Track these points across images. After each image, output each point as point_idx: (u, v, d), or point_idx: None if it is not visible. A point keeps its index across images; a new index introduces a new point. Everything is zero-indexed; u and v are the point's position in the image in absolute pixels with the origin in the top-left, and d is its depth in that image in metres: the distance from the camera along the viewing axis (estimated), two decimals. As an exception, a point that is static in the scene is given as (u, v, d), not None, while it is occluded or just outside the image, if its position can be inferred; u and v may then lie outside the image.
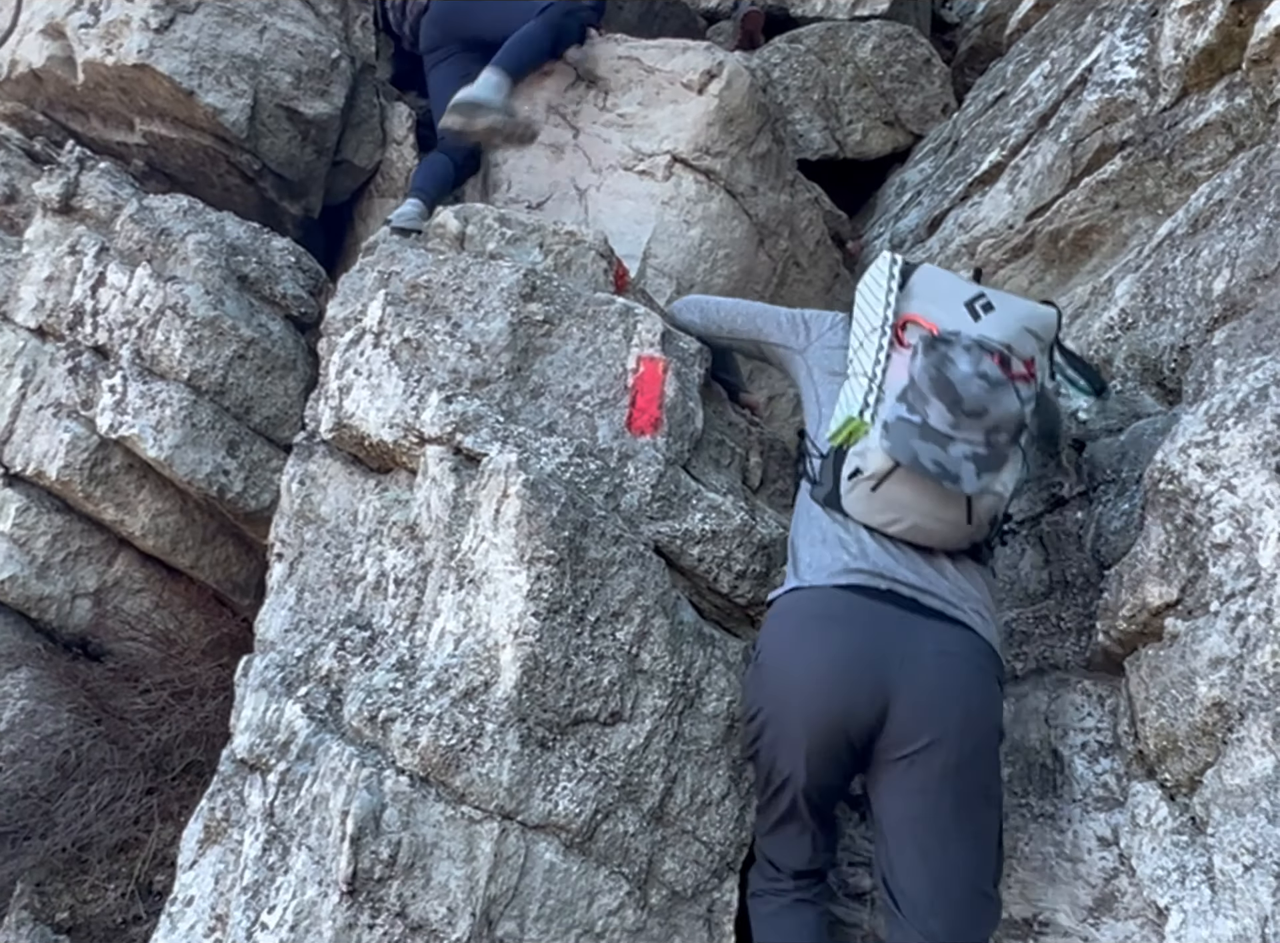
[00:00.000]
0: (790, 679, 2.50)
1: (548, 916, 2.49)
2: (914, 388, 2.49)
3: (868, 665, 2.43)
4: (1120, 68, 3.68)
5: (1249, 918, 1.90)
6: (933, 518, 2.53)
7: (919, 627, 2.48)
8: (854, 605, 2.51)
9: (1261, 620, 2.01)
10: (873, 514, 2.56)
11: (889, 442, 2.46)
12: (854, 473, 2.54)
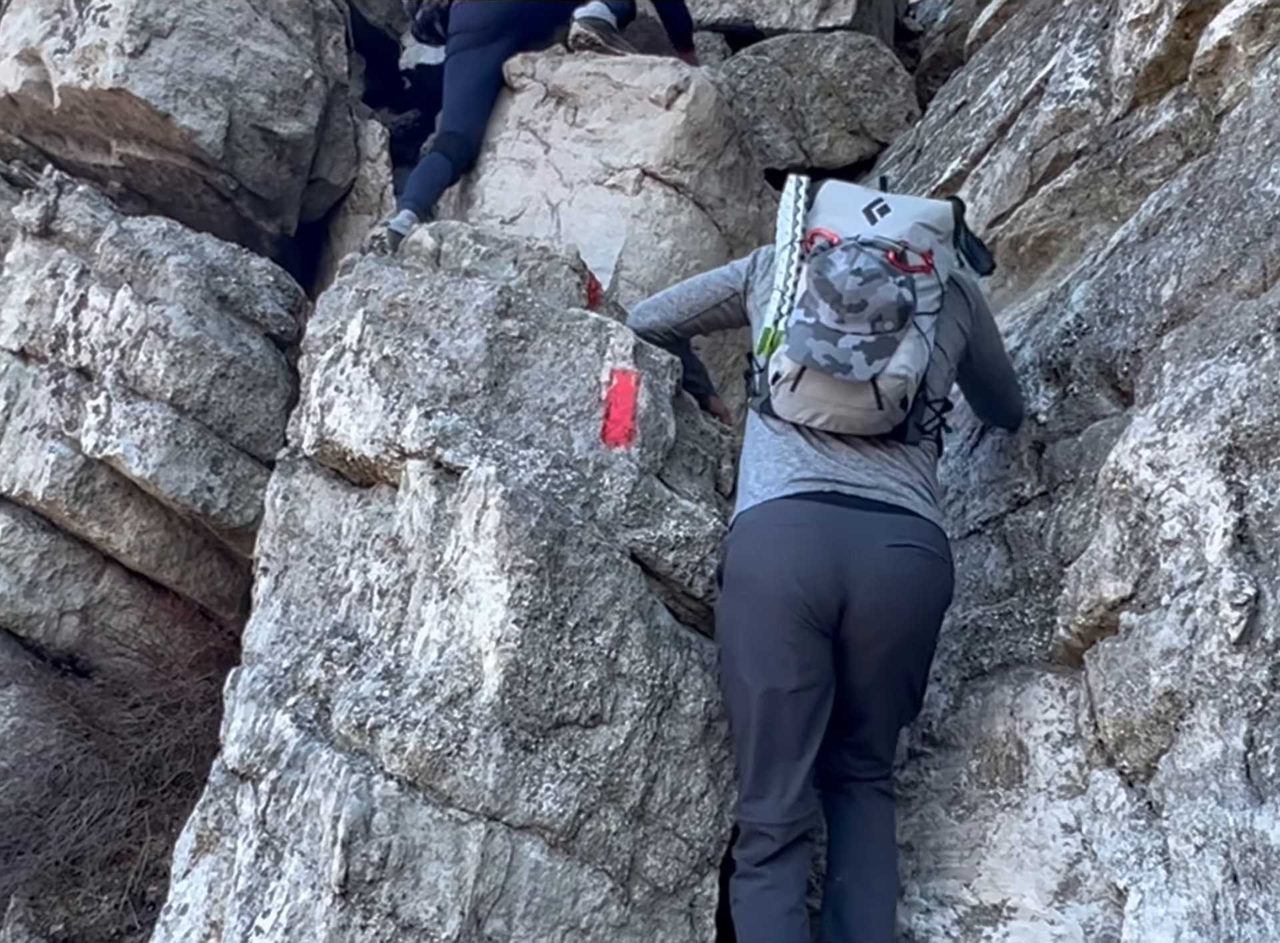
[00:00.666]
0: (761, 587, 2.71)
1: (534, 913, 2.57)
2: (807, 294, 2.74)
3: (826, 563, 2.68)
4: (1074, 79, 3.78)
5: (1201, 896, 2.00)
6: (845, 407, 2.74)
7: (867, 521, 2.73)
8: (805, 511, 2.74)
9: (1208, 613, 2.10)
10: (796, 412, 2.78)
11: (788, 344, 2.72)
12: (775, 377, 2.77)
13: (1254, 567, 2.06)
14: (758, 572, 2.72)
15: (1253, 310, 2.29)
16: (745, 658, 2.73)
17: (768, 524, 2.76)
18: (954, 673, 3.06)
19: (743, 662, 2.74)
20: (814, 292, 2.72)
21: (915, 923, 2.87)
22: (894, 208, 2.89)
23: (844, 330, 2.67)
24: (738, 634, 2.76)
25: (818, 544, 2.70)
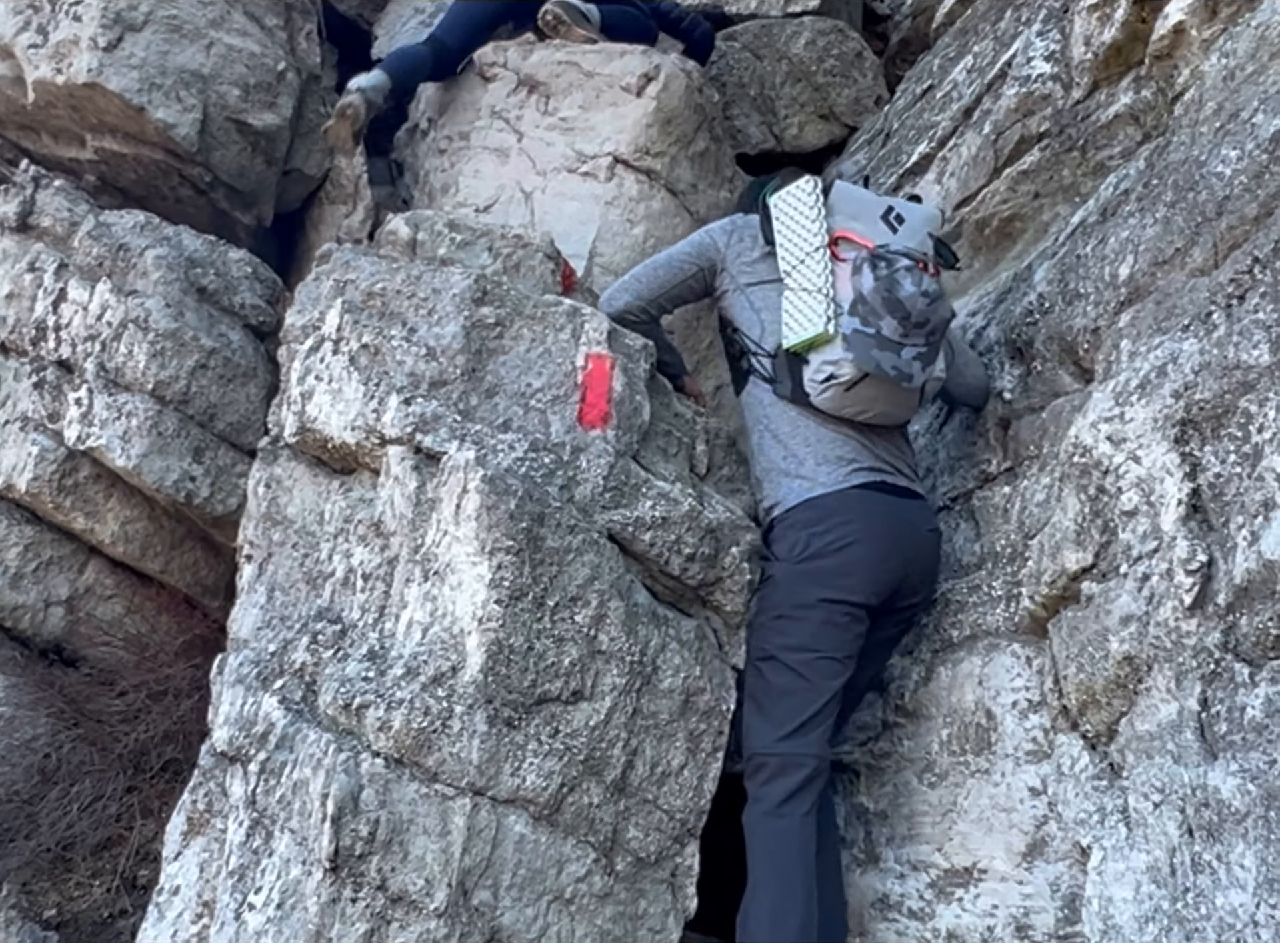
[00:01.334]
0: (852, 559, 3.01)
1: (520, 884, 2.65)
2: (865, 304, 2.99)
3: (895, 550, 3.04)
4: (1036, 63, 3.86)
5: (1159, 850, 2.08)
6: (892, 405, 3.12)
7: (908, 509, 3.12)
8: (877, 501, 3.08)
9: (1164, 580, 2.18)
10: (844, 408, 3.10)
11: (853, 353, 2.99)
12: (827, 378, 3.05)
13: (1207, 535, 2.15)
14: (846, 553, 3.00)
15: (1204, 288, 2.36)
16: (807, 628, 2.98)
17: (850, 513, 3.05)
18: (925, 646, 3.15)
19: (805, 631, 2.98)
20: (879, 307, 2.97)
21: (890, 888, 2.96)
22: (906, 217, 3.23)
23: (905, 343, 2.98)
24: (806, 605, 3.00)
25: (889, 533, 3.04)
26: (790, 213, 3.20)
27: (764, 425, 3.22)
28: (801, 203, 3.19)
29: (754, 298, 3.27)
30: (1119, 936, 2.12)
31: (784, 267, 3.16)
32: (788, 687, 2.97)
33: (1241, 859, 1.86)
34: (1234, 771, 1.91)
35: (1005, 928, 2.59)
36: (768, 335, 3.20)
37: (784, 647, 3.00)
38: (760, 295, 3.25)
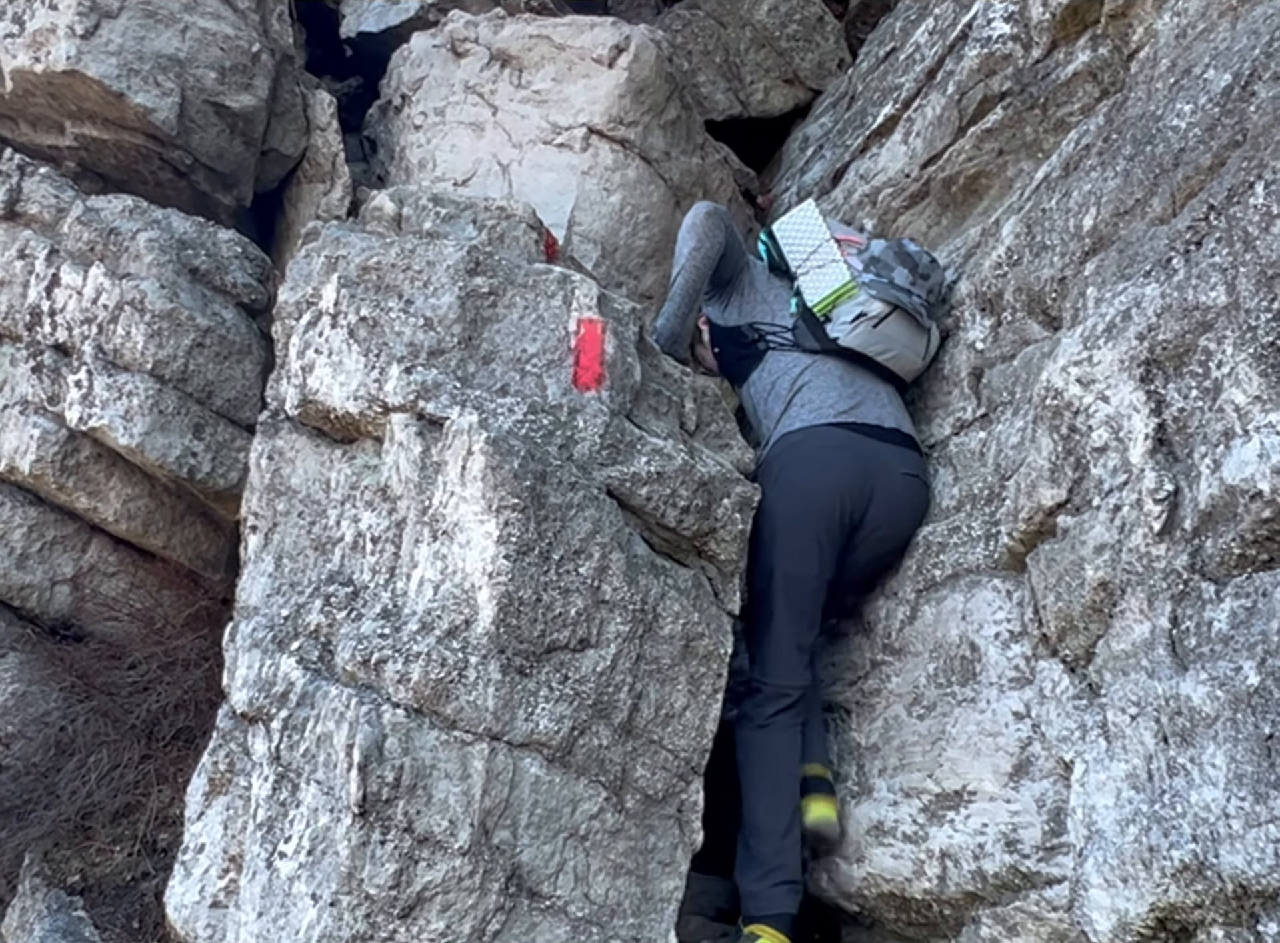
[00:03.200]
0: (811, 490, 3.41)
1: (537, 823, 2.80)
2: (878, 262, 3.64)
3: (859, 478, 3.40)
4: (996, 24, 3.98)
5: (1137, 758, 2.24)
6: (910, 349, 3.59)
7: (889, 452, 3.46)
8: (846, 438, 3.48)
9: (1134, 509, 2.34)
10: (870, 345, 3.58)
11: (876, 292, 3.56)
12: (858, 317, 3.57)
13: (1172, 466, 2.30)
14: (807, 482, 3.41)
15: (1164, 236, 2.51)
16: (780, 546, 3.36)
17: (819, 446, 3.47)
18: (909, 586, 3.30)
19: (779, 550, 3.37)
20: (891, 260, 3.62)
21: (884, 815, 3.13)
22: None
23: (913, 290, 3.57)
24: (777, 526, 3.37)
25: (854, 467, 3.42)
26: (794, 226, 3.82)
27: (769, 388, 3.69)
28: (805, 217, 3.83)
29: (768, 294, 3.86)
30: (1102, 839, 2.29)
31: (796, 260, 3.75)
32: (766, 611, 3.37)
33: (1213, 760, 2.02)
34: (1203, 679, 2.07)
35: (995, 844, 2.76)
36: (780, 315, 3.78)
37: (769, 571, 3.36)
38: (772, 292, 3.86)
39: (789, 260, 3.77)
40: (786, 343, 3.72)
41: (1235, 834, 1.94)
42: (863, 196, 4.62)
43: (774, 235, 3.88)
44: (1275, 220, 2.15)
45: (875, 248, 3.69)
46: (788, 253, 3.78)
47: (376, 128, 5.78)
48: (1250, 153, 2.30)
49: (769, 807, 3.25)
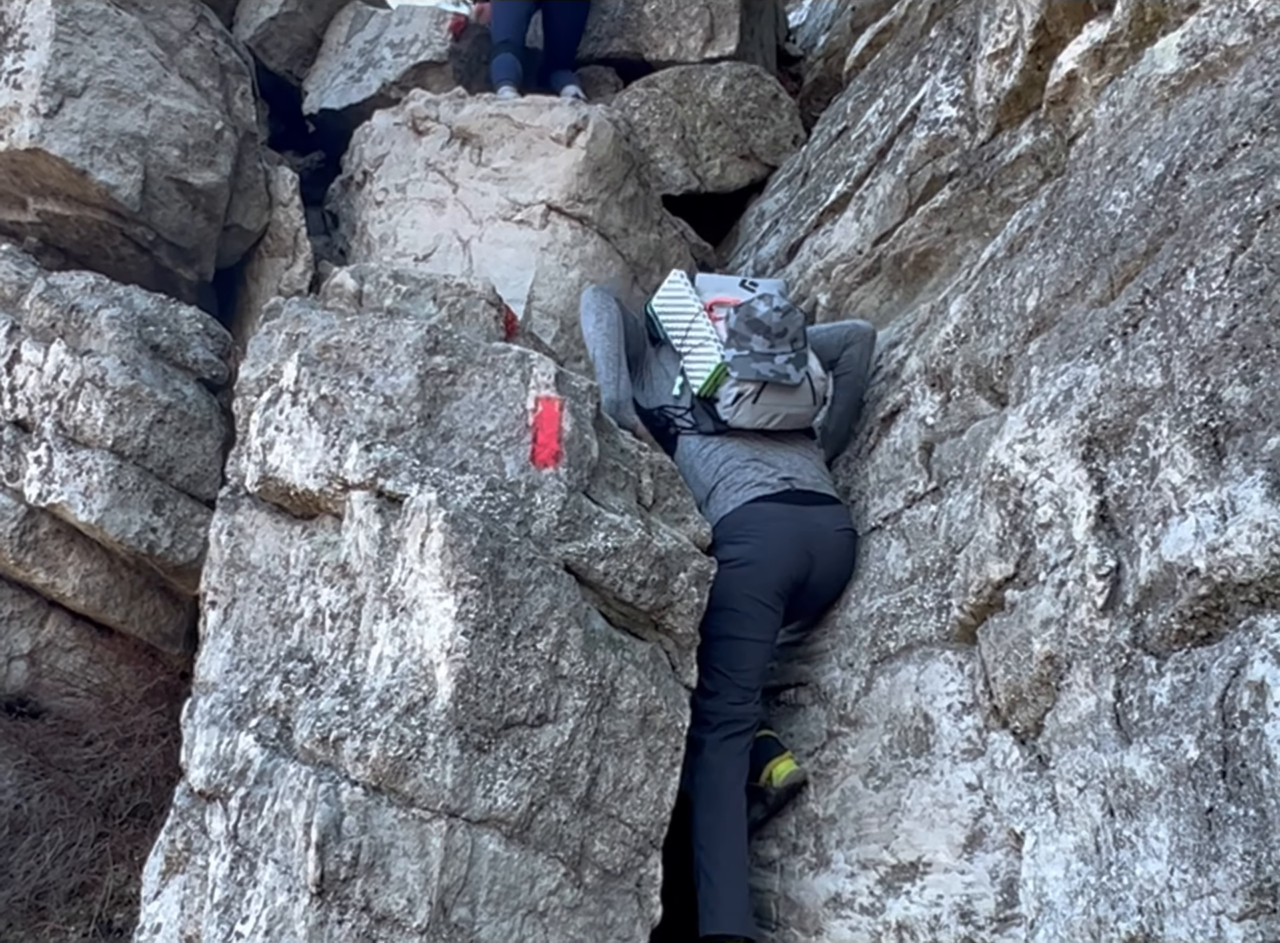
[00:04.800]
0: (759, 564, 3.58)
1: (495, 899, 2.81)
2: (734, 334, 3.80)
3: (799, 550, 3.61)
4: (943, 106, 4.11)
5: (1085, 831, 2.28)
6: (792, 406, 3.81)
7: (818, 514, 3.68)
8: (780, 510, 3.66)
9: (1078, 584, 2.40)
10: (757, 419, 3.79)
11: (738, 372, 3.74)
12: (736, 398, 3.76)
13: (1114, 542, 2.36)
14: (753, 557, 3.57)
15: (1103, 318, 2.59)
16: (732, 618, 3.51)
17: (756, 521, 3.64)
18: (864, 658, 3.35)
19: (730, 621, 3.51)
20: (744, 330, 3.78)
21: (842, 887, 3.14)
22: (759, 283, 4.19)
23: (775, 353, 3.75)
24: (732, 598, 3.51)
25: (794, 535, 3.61)
26: (669, 302, 4.06)
27: (689, 471, 3.81)
28: (675, 290, 4.07)
29: (660, 374, 4.04)
30: (1052, 911, 2.32)
31: (677, 339, 3.99)
32: (731, 666, 3.52)
33: (1156, 832, 2.06)
34: (1146, 753, 2.12)
35: (950, 916, 2.78)
36: (680, 397, 3.94)
37: (725, 635, 3.50)
38: (664, 372, 4.03)
39: (671, 341, 4.03)
40: (689, 426, 3.91)
41: (1179, 907, 1.98)
42: (817, 271, 4.73)
43: (655, 314, 4.10)
44: (1206, 306, 2.23)
45: (731, 319, 3.83)
46: (669, 333, 4.03)
47: (338, 203, 5.87)
48: (1182, 240, 2.39)
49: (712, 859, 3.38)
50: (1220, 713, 1.97)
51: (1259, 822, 1.85)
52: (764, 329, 3.75)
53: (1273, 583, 1.94)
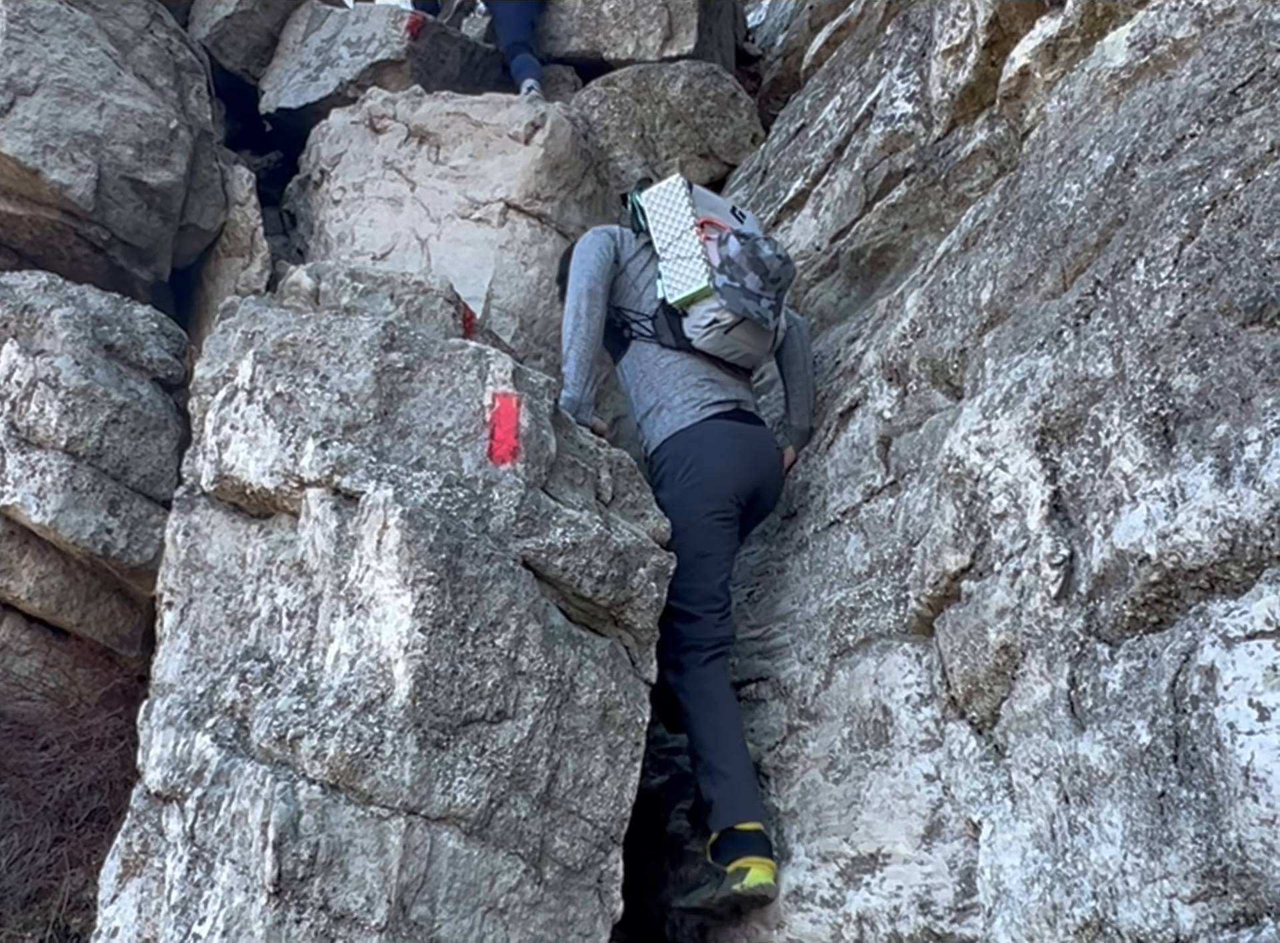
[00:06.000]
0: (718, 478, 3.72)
1: (455, 897, 2.79)
2: (732, 264, 3.82)
3: (753, 463, 3.79)
4: (899, 103, 4.14)
5: (1040, 818, 2.29)
6: (756, 348, 3.96)
7: (760, 433, 3.90)
8: (736, 428, 3.82)
9: (1032, 574, 2.41)
10: (722, 349, 3.89)
11: (725, 300, 3.79)
12: (711, 323, 3.83)
13: (1068, 531, 2.38)
14: (714, 471, 3.71)
15: (1055, 309, 2.61)
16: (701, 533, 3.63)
17: (717, 436, 3.77)
18: (824, 652, 3.35)
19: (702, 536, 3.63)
20: (744, 264, 3.81)
21: (803, 880, 3.15)
22: (746, 215, 4.20)
23: (763, 295, 3.83)
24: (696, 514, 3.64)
25: (746, 452, 3.78)
26: (662, 202, 4.02)
27: (640, 377, 3.94)
28: (672, 194, 4.02)
29: (633, 275, 4.01)
30: (1009, 898, 2.33)
31: (660, 243, 3.96)
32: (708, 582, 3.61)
33: (1110, 818, 2.08)
34: (1099, 739, 2.13)
35: (910, 907, 2.79)
36: (645, 302, 3.97)
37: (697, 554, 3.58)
38: (637, 272, 4.01)
39: (654, 240, 3.99)
40: (647, 333, 3.96)
41: (1132, 891, 1.99)
42: (776, 269, 4.73)
43: (642, 207, 4.06)
44: (1156, 295, 2.25)
45: (732, 247, 3.85)
46: (654, 232, 3.99)
47: (296, 202, 5.83)
48: (1132, 231, 2.41)
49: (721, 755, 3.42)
50: (1171, 698, 1.98)
51: (1210, 805, 1.86)
52: (763, 270, 3.81)
53: (1222, 569, 1.96)
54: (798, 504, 3.91)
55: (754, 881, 3.20)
